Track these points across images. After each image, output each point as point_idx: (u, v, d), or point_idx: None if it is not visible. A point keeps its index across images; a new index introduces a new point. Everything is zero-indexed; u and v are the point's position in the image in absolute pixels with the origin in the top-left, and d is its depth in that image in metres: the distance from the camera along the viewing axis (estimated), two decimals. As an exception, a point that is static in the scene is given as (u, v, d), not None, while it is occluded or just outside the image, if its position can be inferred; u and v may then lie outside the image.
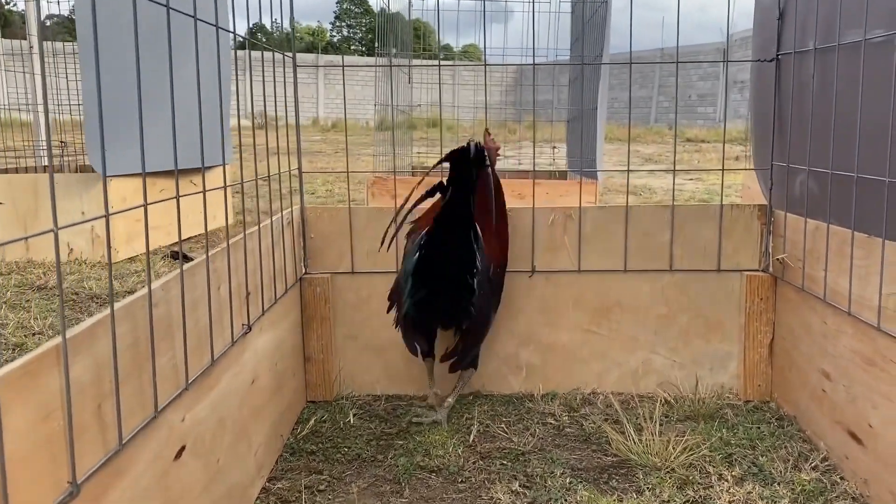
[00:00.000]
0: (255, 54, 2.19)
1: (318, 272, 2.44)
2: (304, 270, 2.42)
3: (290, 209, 2.29)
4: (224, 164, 1.85)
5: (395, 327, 2.23)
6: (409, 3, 6.93)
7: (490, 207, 2.15)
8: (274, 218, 2.12)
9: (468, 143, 1.83)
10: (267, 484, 1.93)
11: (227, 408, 1.67)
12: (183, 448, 1.41)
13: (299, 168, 2.42)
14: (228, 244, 1.68)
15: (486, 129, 2.42)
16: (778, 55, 2.33)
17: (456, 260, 1.97)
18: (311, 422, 2.26)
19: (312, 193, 8.13)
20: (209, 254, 1.56)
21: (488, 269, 2.14)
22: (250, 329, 1.81)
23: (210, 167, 1.84)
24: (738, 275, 2.42)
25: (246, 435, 1.79)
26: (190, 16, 1.46)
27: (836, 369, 1.99)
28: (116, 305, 1.19)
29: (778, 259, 2.33)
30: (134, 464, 1.21)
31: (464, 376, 2.32)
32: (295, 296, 2.34)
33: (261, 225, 1.95)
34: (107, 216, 1.10)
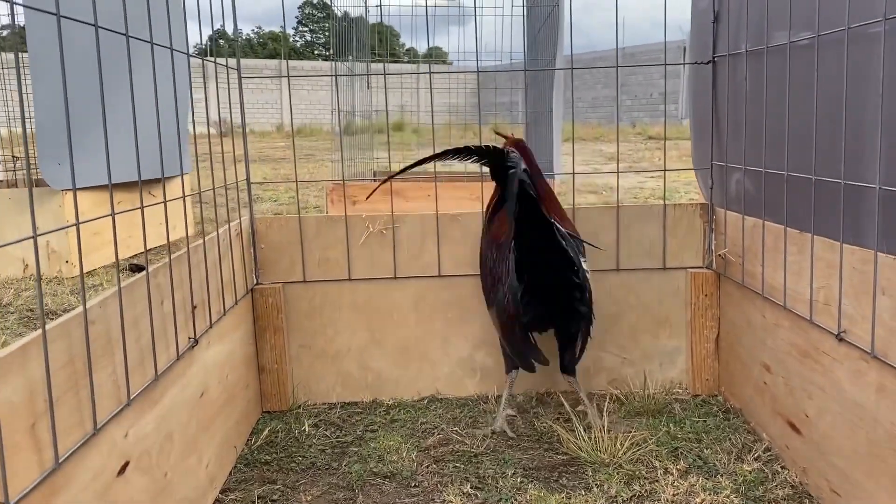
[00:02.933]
0: (207, 64, 2.19)
1: (269, 282, 2.45)
2: (255, 281, 2.43)
3: (238, 220, 2.30)
4: (182, 175, 1.85)
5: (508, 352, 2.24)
6: (366, 7, 6.93)
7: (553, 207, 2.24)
8: (221, 230, 2.12)
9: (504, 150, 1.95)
10: (220, 496, 1.93)
11: (175, 422, 1.67)
12: (127, 464, 1.42)
13: (247, 178, 2.42)
14: (170, 258, 1.68)
15: (509, 136, 2.45)
16: (714, 58, 2.39)
17: (553, 262, 2.00)
18: (266, 432, 2.27)
19: (275, 201, 8.09)
20: (150, 268, 1.57)
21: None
22: (197, 342, 1.82)
23: (169, 178, 1.84)
24: (683, 272, 2.48)
25: (196, 448, 1.80)
26: (121, 34, 1.46)
27: (775, 362, 2.05)
28: (51, 325, 1.19)
29: (720, 255, 2.39)
30: (72, 481, 1.22)
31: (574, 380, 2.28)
32: (246, 307, 2.34)
33: (206, 237, 1.96)
34: (34, 237, 1.11)
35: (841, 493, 1.72)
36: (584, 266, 2.08)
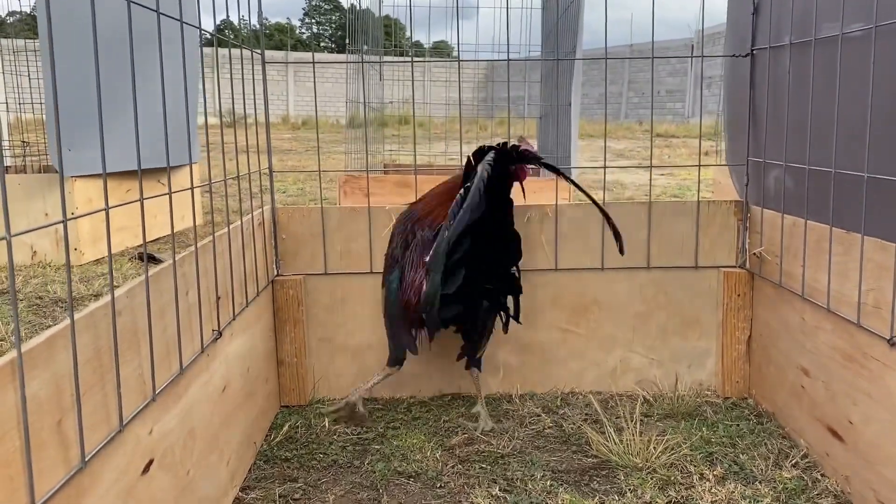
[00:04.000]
0: (224, 51, 2.12)
1: (290, 274, 2.38)
2: (276, 272, 2.36)
3: (260, 210, 2.23)
4: (191, 164, 1.78)
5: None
6: (380, 3, 6.85)
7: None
8: (244, 219, 2.06)
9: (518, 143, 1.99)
10: (240, 494, 1.87)
11: (197, 418, 1.61)
12: (151, 462, 1.35)
13: (269, 167, 2.35)
14: (196, 247, 1.61)
15: (521, 137, 2.41)
16: (753, 50, 2.31)
17: (501, 249, 2.01)
18: (286, 427, 2.21)
19: (284, 192, 8.03)
20: (176, 258, 1.50)
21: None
22: (220, 335, 1.75)
23: (177, 167, 1.77)
24: (716, 271, 2.41)
25: (217, 444, 1.73)
26: (152, 10, 1.39)
27: (814, 366, 1.98)
28: (77, 315, 1.12)
29: (755, 254, 2.32)
30: (98, 481, 1.15)
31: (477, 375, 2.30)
32: (267, 298, 2.28)
33: (230, 227, 1.89)
34: (65, 220, 1.04)
35: (889, 505, 1.65)
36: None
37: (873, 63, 1.68)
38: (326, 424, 2.24)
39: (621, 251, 2.03)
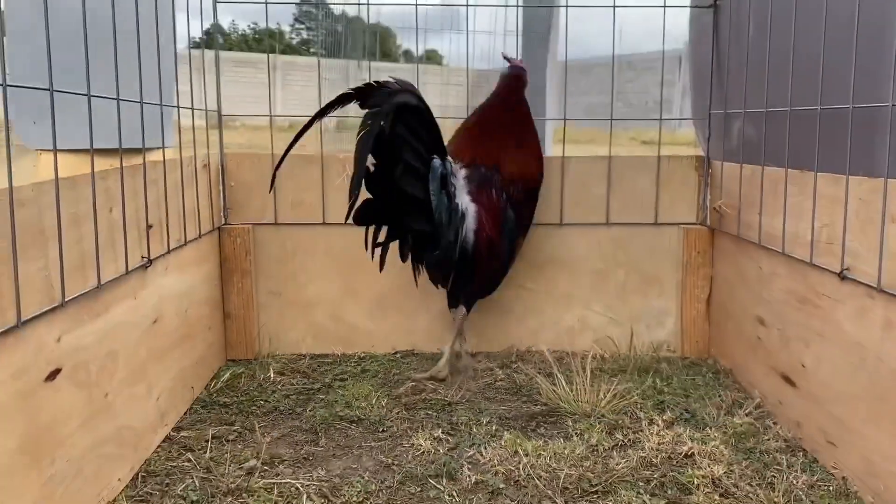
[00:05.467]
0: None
1: (238, 223, 2.31)
2: (223, 220, 2.29)
3: (206, 151, 2.16)
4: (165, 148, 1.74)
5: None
6: (367, 7, 6.81)
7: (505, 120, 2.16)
8: (185, 154, 1.99)
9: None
10: (171, 433, 1.79)
11: (121, 341, 1.53)
12: (58, 370, 1.28)
13: (218, 110, 2.29)
14: (122, 164, 1.54)
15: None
16: (716, 1, 2.27)
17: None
18: (227, 376, 2.13)
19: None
20: (94, 170, 1.43)
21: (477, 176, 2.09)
22: (150, 263, 1.68)
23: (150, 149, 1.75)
24: (676, 228, 2.36)
25: (145, 377, 1.66)
26: None
27: (770, 313, 1.93)
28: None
29: (715, 207, 2.27)
30: (-14, 373, 1.08)
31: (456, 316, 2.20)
32: (212, 245, 2.21)
33: (167, 158, 1.82)
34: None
35: (838, 444, 1.59)
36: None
37: (827, -9, 1.64)
38: (272, 376, 2.17)
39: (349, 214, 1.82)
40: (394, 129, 1.77)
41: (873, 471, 1.47)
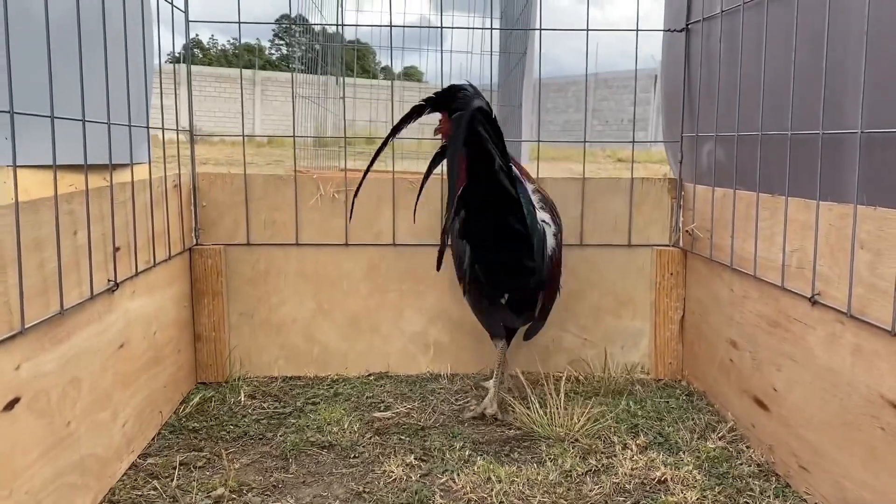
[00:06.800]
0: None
1: (210, 243, 2.28)
2: (195, 241, 2.26)
3: (177, 172, 2.13)
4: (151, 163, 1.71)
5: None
6: (343, 26, 6.81)
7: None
8: (155, 176, 1.96)
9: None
10: (138, 460, 1.75)
11: (85, 368, 1.50)
12: (16, 400, 1.24)
13: (190, 129, 2.26)
14: (87, 186, 1.51)
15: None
16: (687, 25, 2.30)
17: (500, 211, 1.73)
18: (196, 400, 2.09)
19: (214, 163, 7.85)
20: (57, 193, 1.40)
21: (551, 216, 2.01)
22: (117, 286, 1.65)
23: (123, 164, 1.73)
24: (649, 249, 2.36)
25: (110, 403, 1.62)
26: None
27: (742, 337, 1.93)
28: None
29: (687, 231, 2.28)
30: (-61, 405, 1.04)
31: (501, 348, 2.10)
32: (183, 266, 2.17)
33: (134, 178, 1.79)
34: None
35: (810, 469, 1.60)
36: (545, 224, 1.95)
37: (796, 17, 1.66)
38: (242, 399, 2.13)
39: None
40: (481, 132, 1.64)
41: (845, 497, 1.47)
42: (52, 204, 1.37)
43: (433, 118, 1.96)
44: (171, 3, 2.09)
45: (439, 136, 2.05)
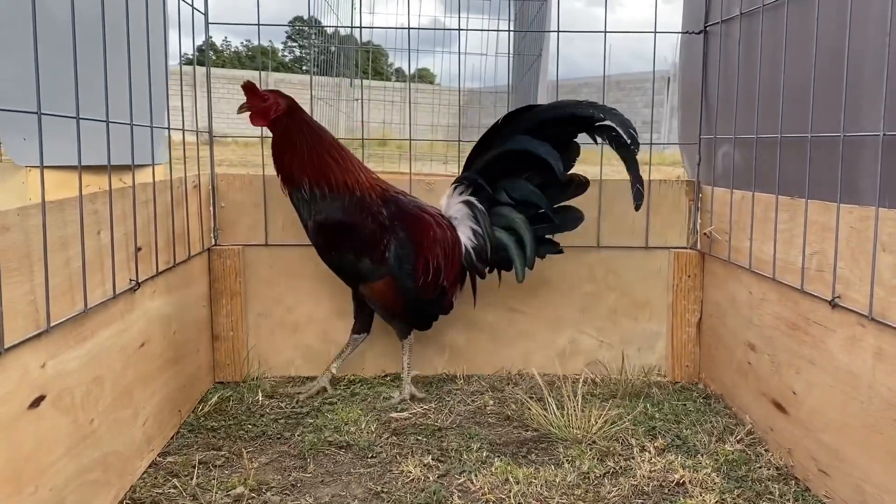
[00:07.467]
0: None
1: (228, 244, 2.29)
2: (213, 241, 2.27)
3: (196, 173, 2.15)
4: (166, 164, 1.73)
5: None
6: (359, 28, 6.83)
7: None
8: (175, 177, 1.97)
9: None
10: (157, 458, 1.77)
11: (107, 366, 1.51)
12: (42, 397, 1.26)
13: (209, 131, 2.28)
14: (111, 186, 1.53)
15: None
16: (706, 27, 2.29)
17: None
18: (215, 399, 2.11)
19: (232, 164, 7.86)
20: (83, 194, 1.42)
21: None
22: (139, 286, 1.66)
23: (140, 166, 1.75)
24: (666, 252, 2.36)
25: (131, 401, 1.64)
26: None
27: (760, 339, 1.93)
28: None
29: (705, 233, 2.27)
30: (-32, 401, 1.06)
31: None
32: (202, 267, 2.19)
33: (156, 179, 1.80)
34: None
35: (830, 473, 1.59)
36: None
37: (818, 20, 1.66)
38: (260, 399, 2.15)
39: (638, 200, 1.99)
40: None
41: (865, 500, 1.46)
42: (76, 204, 1.39)
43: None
44: (192, 5, 2.11)
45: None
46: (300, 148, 1.98)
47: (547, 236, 2.13)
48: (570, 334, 2.38)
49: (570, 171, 2.06)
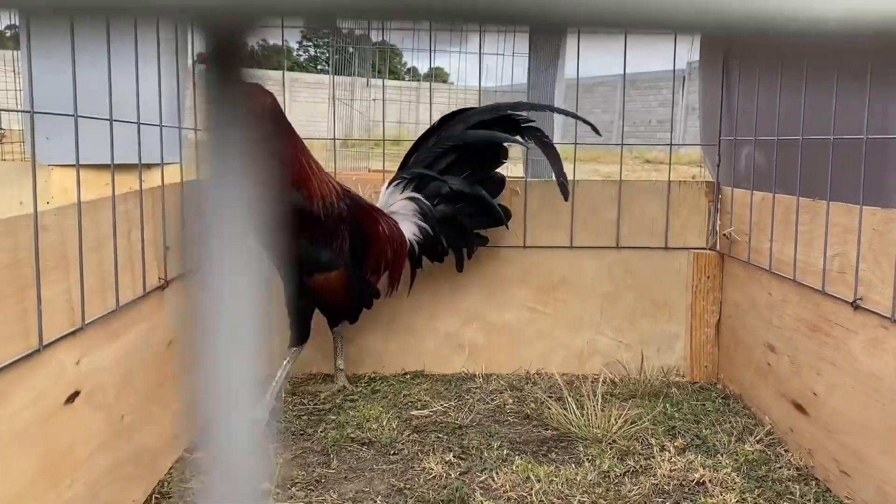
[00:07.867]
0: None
1: (251, 242, 2.32)
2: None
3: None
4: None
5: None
6: (376, 30, 6.85)
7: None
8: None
9: None
10: (184, 454, 1.80)
11: (138, 363, 1.54)
12: (76, 393, 1.29)
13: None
14: (142, 187, 1.56)
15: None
16: (726, 28, 2.29)
17: None
18: (239, 396, 2.14)
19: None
20: (115, 193, 1.45)
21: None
22: (167, 284, 1.69)
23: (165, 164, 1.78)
24: (685, 252, 2.37)
25: (161, 398, 1.67)
26: None
27: (780, 341, 1.94)
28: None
29: (725, 234, 2.28)
30: (7, 399, 1.09)
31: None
32: (226, 265, 2.22)
33: (184, 179, 1.83)
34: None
35: (851, 474, 1.60)
36: None
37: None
38: (282, 395, 2.17)
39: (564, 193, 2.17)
40: None
41: (888, 502, 1.47)
42: (109, 205, 1.42)
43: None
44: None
45: None
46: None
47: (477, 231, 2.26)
48: (588, 334, 2.40)
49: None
